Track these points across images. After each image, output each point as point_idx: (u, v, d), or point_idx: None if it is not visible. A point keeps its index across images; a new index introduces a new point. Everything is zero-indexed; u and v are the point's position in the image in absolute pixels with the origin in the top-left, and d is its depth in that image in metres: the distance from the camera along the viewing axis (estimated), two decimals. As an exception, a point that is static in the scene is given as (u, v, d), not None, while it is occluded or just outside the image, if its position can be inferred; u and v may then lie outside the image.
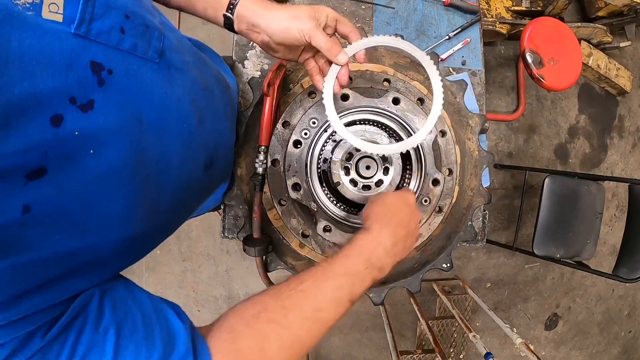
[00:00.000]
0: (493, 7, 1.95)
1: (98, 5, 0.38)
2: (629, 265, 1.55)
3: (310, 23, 0.57)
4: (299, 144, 0.73)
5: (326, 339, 2.20)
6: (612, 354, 2.53)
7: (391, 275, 0.78)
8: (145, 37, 0.45)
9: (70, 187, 0.35)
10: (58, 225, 0.35)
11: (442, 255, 0.77)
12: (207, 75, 0.63)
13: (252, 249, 0.71)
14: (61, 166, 0.34)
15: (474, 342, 1.43)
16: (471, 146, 0.81)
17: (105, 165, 0.38)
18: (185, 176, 0.54)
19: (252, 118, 0.76)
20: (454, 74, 1.04)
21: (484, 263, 2.30)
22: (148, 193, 0.44)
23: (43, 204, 0.33)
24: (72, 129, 0.35)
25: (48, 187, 0.33)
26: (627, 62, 2.43)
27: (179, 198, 0.54)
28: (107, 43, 0.40)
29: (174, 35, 0.54)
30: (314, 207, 0.73)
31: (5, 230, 0.31)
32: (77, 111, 0.35)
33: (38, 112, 0.32)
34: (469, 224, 0.79)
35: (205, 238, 2.10)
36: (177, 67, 0.52)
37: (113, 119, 0.39)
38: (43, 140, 0.32)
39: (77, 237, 0.37)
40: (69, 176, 0.35)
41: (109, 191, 0.39)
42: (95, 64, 0.38)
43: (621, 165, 2.48)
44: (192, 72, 0.57)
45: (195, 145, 0.56)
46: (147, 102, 0.44)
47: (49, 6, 0.34)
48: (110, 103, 0.39)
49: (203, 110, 0.58)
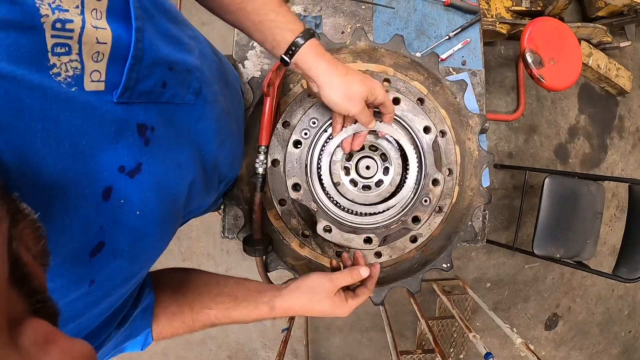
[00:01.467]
0: (493, 7, 1.95)
1: (144, 66, 0.36)
2: (629, 265, 1.55)
3: (360, 106, 0.60)
4: (299, 144, 0.73)
5: (326, 339, 2.20)
6: (612, 354, 2.53)
7: (391, 275, 0.78)
8: (186, 81, 0.44)
9: (124, 250, 0.36)
10: (116, 284, 0.38)
11: (442, 255, 0.77)
12: (228, 97, 0.63)
13: (252, 249, 0.71)
14: (116, 235, 0.35)
15: (474, 342, 1.43)
16: (471, 146, 0.81)
17: (149, 220, 0.39)
18: (206, 199, 0.60)
19: (252, 118, 0.76)
20: (454, 74, 1.04)
21: (484, 263, 2.30)
22: (177, 224, 0.48)
23: (104, 273, 0.35)
24: (118, 198, 0.35)
25: (107, 257, 0.34)
26: (627, 62, 2.43)
27: (191, 212, 0.59)
28: (147, 101, 0.39)
29: (208, 64, 0.54)
30: (314, 207, 0.73)
31: (74, 303, 0.33)
32: (126, 178, 0.35)
33: (92, 190, 0.32)
34: (469, 224, 0.79)
35: (205, 238, 2.10)
36: (210, 100, 0.52)
37: (156, 175, 0.39)
38: (99, 216, 0.33)
39: (128, 285, 0.41)
40: (122, 241, 0.36)
41: (151, 240, 0.41)
42: (141, 125, 0.37)
43: (621, 165, 2.48)
44: (220, 101, 0.57)
45: (216, 172, 0.59)
46: (183, 146, 0.45)
47: (91, 75, 0.32)
48: (154, 160, 0.39)
49: (225, 135, 0.59)
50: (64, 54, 0.30)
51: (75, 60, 0.31)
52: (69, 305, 0.33)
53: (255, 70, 0.98)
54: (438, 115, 0.77)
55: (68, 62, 0.30)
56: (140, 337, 0.56)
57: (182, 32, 0.46)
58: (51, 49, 0.29)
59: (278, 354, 1.48)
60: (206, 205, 0.68)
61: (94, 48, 0.32)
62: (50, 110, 0.28)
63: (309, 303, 0.62)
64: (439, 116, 0.77)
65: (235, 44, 0.96)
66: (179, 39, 0.44)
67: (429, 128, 0.75)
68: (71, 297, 0.32)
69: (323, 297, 0.61)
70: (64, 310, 0.30)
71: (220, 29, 1.97)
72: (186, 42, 0.46)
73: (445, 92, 0.80)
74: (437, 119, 0.76)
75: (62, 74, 0.30)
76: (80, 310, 0.35)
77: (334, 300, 0.62)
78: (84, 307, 0.35)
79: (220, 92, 0.58)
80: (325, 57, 0.58)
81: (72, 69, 0.30)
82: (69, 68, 0.30)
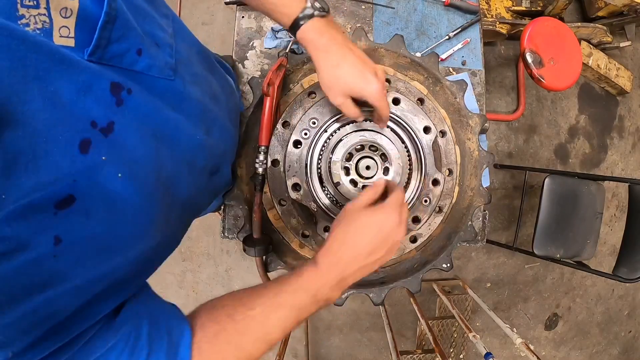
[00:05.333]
0: (493, 7, 1.95)
1: (117, 27, 0.37)
2: (629, 265, 1.55)
3: (339, 100, 0.60)
4: (299, 144, 0.73)
5: (326, 339, 2.20)
6: (612, 354, 2.53)
7: (391, 275, 0.78)
8: (159, 56, 0.44)
9: (98, 212, 0.34)
10: (88, 252, 0.34)
11: (442, 255, 0.77)
12: (214, 84, 0.63)
13: (252, 249, 0.71)
14: (90, 193, 0.34)
15: (474, 342, 1.43)
16: (471, 146, 0.81)
17: (131, 187, 0.37)
18: (193, 185, 0.54)
19: (252, 118, 0.76)
20: (454, 74, 1.04)
21: (484, 263, 2.30)
22: (164, 206, 0.44)
23: (73, 233, 0.33)
24: (100, 154, 0.34)
25: (77, 215, 0.33)
26: (627, 62, 2.43)
27: (186, 206, 0.54)
28: (120, 65, 0.38)
29: (186, 45, 0.53)
30: (314, 207, 0.73)
31: (40, 264, 0.31)
32: (100, 135, 0.34)
33: (66, 138, 0.32)
34: (469, 224, 0.79)
35: (205, 238, 2.10)
36: (190, 80, 0.51)
37: (133, 138, 0.38)
38: (73, 169, 0.32)
39: (104, 261, 0.36)
40: (96, 202, 0.34)
41: (132, 211, 0.38)
42: (116, 84, 0.37)
43: (621, 165, 2.48)
44: (202, 84, 0.56)
45: (202, 155, 0.55)
46: (162, 120, 0.44)
47: (60, 30, 0.33)
48: (129, 124, 0.38)
49: (211, 121, 0.58)
50: (32, 7, 0.31)
51: (43, 14, 0.31)
52: (32, 266, 0.30)
53: (255, 70, 0.98)
54: (438, 115, 0.77)
55: (37, 15, 0.31)
56: None
57: (155, 9, 0.47)
58: (20, 1, 0.30)
59: (278, 354, 1.48)
60: (201, 201, 0.64)
61: (62, 3, 0.33)
62: (17, 50, 0.29)
63: (348, 235, 0.53)
64: (439, 116, 0.77)
65: (235, 44, 0.96)
66: (149, 13, 0.45)
67: (429, 128, 0.75)
68: (33, 254, 0.30)
69: (357, 220, 0.53)
70: (27, 272, 0.29)
71: (220, 29, 1.97)
72: (157, 19, 0.46)
73: (445, 92, 0.80)
74: (437, 119, 0.76)
75: (31, 25, 0.31)
76: (46, 278, 0.31)
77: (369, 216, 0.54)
78: (51, 275, 0.32)
79: (203, 77, 0.57)
80: (320, 42, 0.57)
81: (40, 22, 0.31)
82: (37, 21, 0.31)
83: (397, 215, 0.55)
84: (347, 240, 0.53)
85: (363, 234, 0.53)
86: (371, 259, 0.54)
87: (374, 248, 0.54)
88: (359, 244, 0.53)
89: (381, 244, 0.54)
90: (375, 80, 0.58)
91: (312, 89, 0.75)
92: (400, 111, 0.74)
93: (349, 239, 0.53)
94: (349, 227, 0.54)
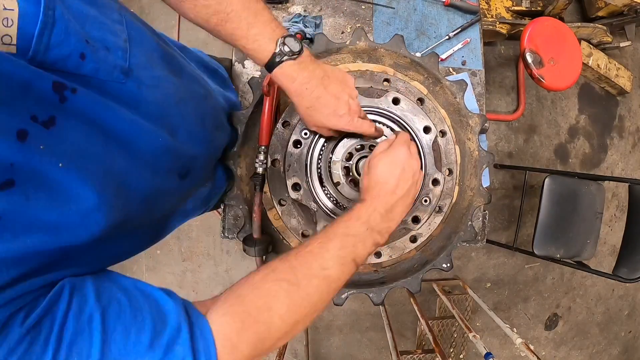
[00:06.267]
0: (493, 7, 1.95)
1: (56, 33, 0.39)
2: (629, 265, 1.55)
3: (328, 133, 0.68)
4: (299, 144, 0.73)
5: (326, 339, 2.20)
6: (612, 354, 2.53)
7: (391, 275, 0.78)
8: (108, 60, 0.45)
9: (38, 198, 0.36)
10: (29, 229, 0.36)
11: (442, 255, 0.77)
12: (181, 88, 0.62)
13: (252, 249, 0.71)
14: (29, 178, 0.36)
15: (474, 342, 1.43)
16: (471, 146, 0.81)
17: (73, 176, 0.39)
18: (158, 185, 0.55)
19: (252, 118, 0.76)
20: (454, 74, 1.04)
21: (484, 263, 2.30)
22: (116, 199, 0.45)
23: (13, 212, 0.34)
24: (37, 143, 0.36)
25: (17, 197, 0.35)
26: (627, 62, 2.43)
27: (151, 206, 0.55)
28: (64, 69, 0.40)
29: (145, 50, 0.54)
30: (314, 207, 0.73)
31: None
32: (40, 127, 0.37)
33: (4, 129, 0.34)
34: (469, 224, 0.79)
35: (205, 238, 2.10)
36: (148, 83, 0.52)
37: (77, 133, 0.40)
38: (10, 154, 0.34)
39: (50, 237, 0.38)
40: (37, 187, 0.36)
41: (76, 199, 0.40)
42: (59, 84, 0.39)
43: (621, 165, 2.48)
44: (164, 87, 0.56)
45: (167, 157, 0.56)
46: (114, 119, 0.45)
47: (2, 38, 0.36)
48: (73, 120, 0.40)
49: (175, 125, 0.58)
50: None
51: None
52: None
53: (255, 70, 0.98)
54: (438, 115, 0.77)
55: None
56: None
57: (105, 16, 0.48)
58: None
59: (278, 354, 1.48)
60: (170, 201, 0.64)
61: (2, 14, 0.35)
62: None
63: (377, 176, 0.62)
64: (439, 116, 0.77)
65: (235, 44, 0.96)
66: (97, 19, 0.46)
67: (429, 128, 0.75)
68: None
69: (379, 162, 0.63)
70: None
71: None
72: (108, 24, 0.47)
73: (445, 92, 0.80)
74: (437, 119, 0.76)
75: None
76: None
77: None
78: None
79: (166, 80, 0.57)
80: (292, 87, 0.60)
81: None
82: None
83: (406, 149, 0.64)
84: (378, 179, 0.62)
85: (386, 171, 0.62)
86: (402, 189, 0.63)
87: (400, 179, 0.62)
88: (388, 179, 0.62)
89: (404, 175, 0.63)
90: (346, 116, 0.64)
91: (312, 89, 0.75)
92: (400, 111, 0.75)
93: (380, 178, 0.62)
94: (376, 170, 0.63)
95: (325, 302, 0.53)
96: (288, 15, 1.01)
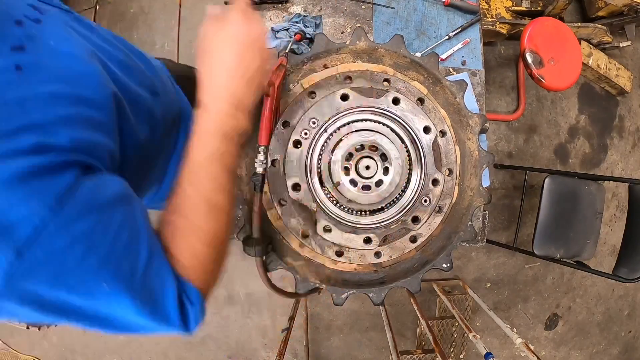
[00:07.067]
0: (493, 7, 1.95)
1: None
2: (629, 265, 1.55)
3: None
4: (299, 144, 0.73)
5: (326, 339, 2.20)
6: (612, 354, 2.53)
7: (391, 275, 0.78)
8: None
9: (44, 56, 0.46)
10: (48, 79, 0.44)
11: (442, 255, 0.77)
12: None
13: (252, 249, 0.71)
14: (33, 44, 0.45)
15: (474, 342, 1.43)
16: (471, 146, 0.81)
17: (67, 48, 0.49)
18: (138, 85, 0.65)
19: (251, 118, 0.76)
20: (454, 74, 1.04)
21: (484, 263, 2.30)
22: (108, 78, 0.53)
23: (29, 63, 0.43)
24: (32, 28, 0.46)
25: (29, 55, 0.44)
26: (627, 62, 2.43)
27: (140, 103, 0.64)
28: None
29: None
30: (314, 207, 0.73)
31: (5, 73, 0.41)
32: (31, 21, 0.47)
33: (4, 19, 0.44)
34: (469, 224, 0.79)
35: (205, 238, 2.10)
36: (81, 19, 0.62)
37: (60, 30, 0.51)
38: (15, 30, 0.44)
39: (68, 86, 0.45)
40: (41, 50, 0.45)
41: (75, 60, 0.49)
42: (34, 6, 0.50)
43: (621, 165, 2.48)
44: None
45: (131, 69, 0.65)
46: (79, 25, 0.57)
47: None
48: (51, 22, 0.51)
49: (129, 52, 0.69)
50: None
51: None
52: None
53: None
54: (438, 115, 0.77)
55: None
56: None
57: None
58: None
59: (278, 354, 1.48)
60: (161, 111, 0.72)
61: None
62: None
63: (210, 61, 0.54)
64: (439, 116, 0.77)
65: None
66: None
67: (428, 128, 0.75)
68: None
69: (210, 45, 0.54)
70: None
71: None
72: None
73: (445, 92, 0.80)
74: (437, 119, 0.76)
75: None
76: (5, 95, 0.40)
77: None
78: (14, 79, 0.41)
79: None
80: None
81: None
82: None
83: (240, 16, 0.54)
84: (212, 66, 0.54)
85: (220, 51, 0.54)
86: (246, 65, 0.54)
87: (240, 54, 0.54)
88: (223, 61, 0.54)
89: (243, 47, 0.54)
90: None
91: (312, 89, 0.75)
92: (400, 111, 0.75)
93: (213, 64, 0.54)
94: (207, 54, 0.54)
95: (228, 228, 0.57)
96: (288, 15, 1.01)
